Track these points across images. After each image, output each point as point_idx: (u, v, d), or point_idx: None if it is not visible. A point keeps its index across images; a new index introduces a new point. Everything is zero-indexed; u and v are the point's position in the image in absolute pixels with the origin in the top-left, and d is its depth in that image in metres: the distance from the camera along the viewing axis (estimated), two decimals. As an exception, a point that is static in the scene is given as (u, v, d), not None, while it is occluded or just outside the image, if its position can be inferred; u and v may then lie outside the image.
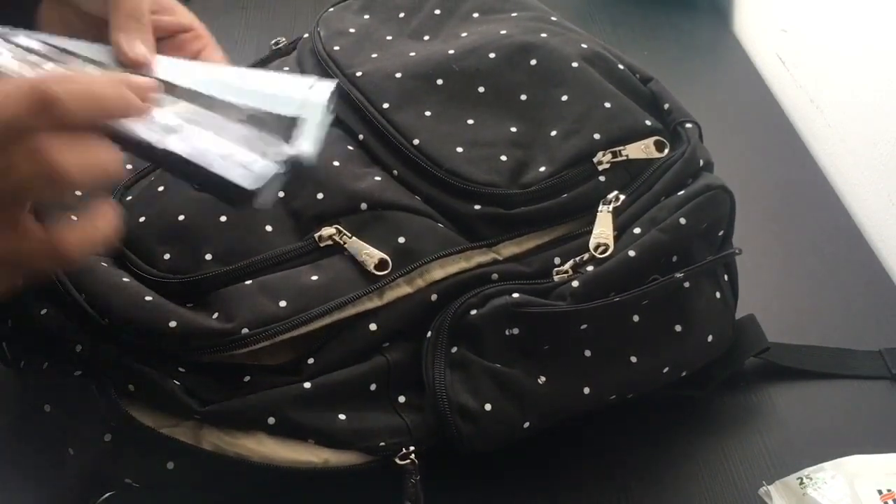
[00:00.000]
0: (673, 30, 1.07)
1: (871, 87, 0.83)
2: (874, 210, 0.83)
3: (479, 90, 0.65)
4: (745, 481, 0.61)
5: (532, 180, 0.60)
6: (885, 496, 0.55)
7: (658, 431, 0.64)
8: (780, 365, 0.67)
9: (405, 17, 0.72)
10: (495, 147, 0.62)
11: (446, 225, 0.59)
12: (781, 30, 1.00)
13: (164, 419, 0.54)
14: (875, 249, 0.80)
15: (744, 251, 0.63)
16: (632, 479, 0.61)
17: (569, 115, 0.63)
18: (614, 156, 0.61)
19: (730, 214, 0.63)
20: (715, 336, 0.62)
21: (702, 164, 0.62)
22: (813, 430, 0.64)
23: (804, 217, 0.83)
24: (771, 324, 0.67)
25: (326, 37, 0.70)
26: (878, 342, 0.70)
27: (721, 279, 0.63)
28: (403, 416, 0.55)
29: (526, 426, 0.56)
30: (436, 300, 0.57)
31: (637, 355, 0.59)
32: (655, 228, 0.58)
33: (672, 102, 0.65)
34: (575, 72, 0.64)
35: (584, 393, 0.58)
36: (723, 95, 0.99)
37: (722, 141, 0.69)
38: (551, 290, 0.57)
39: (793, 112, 0.97)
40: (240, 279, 0.56)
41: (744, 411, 0.66)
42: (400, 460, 0.54)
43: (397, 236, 0.58)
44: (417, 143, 0.62)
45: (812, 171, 0.89)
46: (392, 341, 0.56)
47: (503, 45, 0.66)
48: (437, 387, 0.55)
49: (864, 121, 0.84)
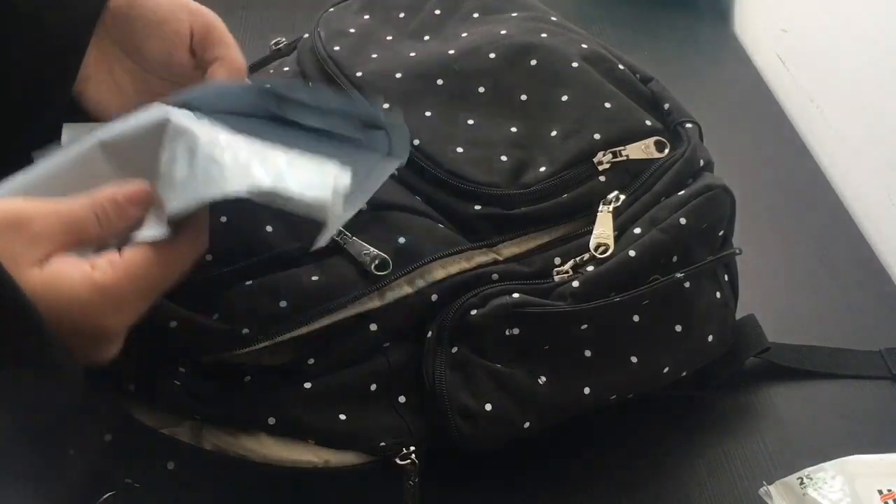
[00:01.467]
0: (673, 30, 1.07)
1: (871, 87, 0.83)
2: (874, 210, 0.83)
3: (480, 90, 0.65)
4: (746, 481, 0.61)
5: (532, 180, 0.60)
6: (885, 496, 0.55)
7: (658, 431, 0.64)
8: (780, 365, 0.67)
9: (405, 18, 0.72)
10: (495, 147, 0.62)
11: (447, 225, 0.59)
12: (781, 30, 1.00)
13: (165, 419, 0.54)
14: (875, 249, 0.80)
15: (744, 251, 0.63)
16: (632, 479, 0.61)
17: (569, 115, 0.63)
18: (614, 156, 0.61)
19: (730, 214, 0.63)
20: (715, 336, 0.62)
21: (702, 164, 0.62)
22: (813, 430, 0.64)
23: (804, 217, 0.83)
24: (771, 324, 0.67)
25: (326, 37, 0.70)
26: (878, 342, 0.70)
27: (721, 279, 0.63)
28: (404, 417, 0.55)
29: (526, 426, 0.56)
30: (436, 300, 0.56)
31: (637, 355, 0.59)
32: (656, 228, 0.58)
33: (672, 102, 0.65)
34: (575, 72, 0.64)
35: (584, 393, 0.58)
36: (723, 95, 0.99)
37: (722, 141, 0.69)
38: (551, 291, 0.57)
39: (793, 112, 0.97)
40: (240, 279, 0.56)
41: (744, 411, 0.66)
42: (400, 460, 0.54)
43: (398, 236, 0.58)
44: (418, 144, 0.62)
45: (812, 171, 0.89)
46: (392, 341, 0.56)
47: (503, 45, 0.66)
48: (438, 387, 0.55)
49: (864, 121, 0.84)
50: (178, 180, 0.49)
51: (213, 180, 0.48)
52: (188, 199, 0.48)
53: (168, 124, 0.50)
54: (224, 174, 0.48)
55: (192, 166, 0.49)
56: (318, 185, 0.49)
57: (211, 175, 0.48)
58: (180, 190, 0.48)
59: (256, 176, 0.48)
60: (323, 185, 0.49)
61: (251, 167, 0.49)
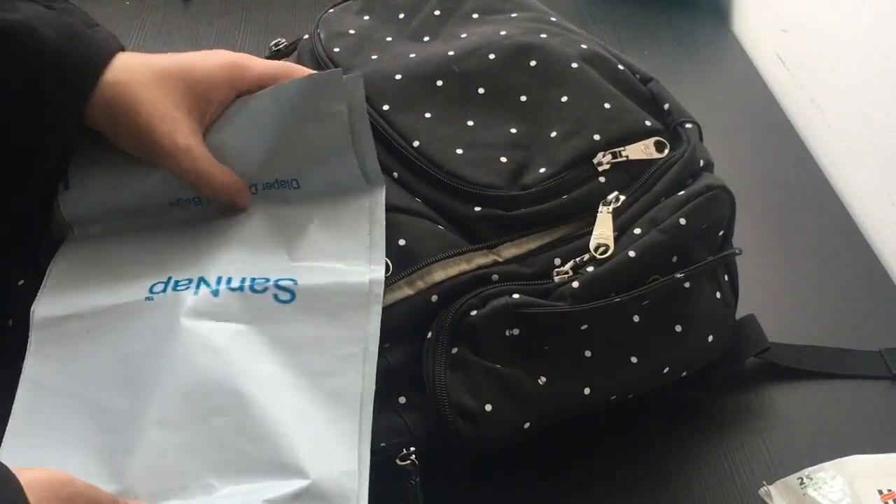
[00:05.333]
0: (673, 30, 1.07)
1: (871, 87, 0.83)
2: (874, 210, 0.83)
3: (479, 91, 0.65)
4: (746, 481, 0.61)
5: (532, 182, 0.60)
6: (886, 496, 0.55)
7: (658, 431, 0.64)
8: (780, 365, 0.67)
9: (405, 19, 0.72)
10: (495, 148, 0.62)
11: (447, 227, 0.59)
12: (781, 30, 1.00)
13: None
14: (875, 249, 0.80)
15: (744, 251, 0.63)
16: (632, 479, 0.61)
17: (569, 115, 0.63)
18: (614, 156, 0.61)
19: (730, 214, 0.63)
20: (715, 336, 0.62)
21: (702, 164, 0.62)
22: (813, 430, 0.64)
23: (804, 217, 0.83)
24: (771, 324, 0.67)
25: (326, 38, 0.70)
26: (878, 342, 0.70)
27: (721, 279, 0.63)
28: (404, 417, 0.55)
29: (526, 427, 0.56)
30: (436, 301, 0.57)
31: (637, 355, 0.59)
32: (655, 229, 0.58)
33: (672, 102, 0.65)
34: (575, 72, 0.64)
35: (584, 393, 0.58)
36: (723, 95, 0.99)
37: (722, 141, 0.69)
38: (551, 291, 0.57)
39: (793, 112, 0.97)
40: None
41: (744, 411, 0.66)
42: (400, 461, 0.54)
43: (398, 239, 0.58)
44: (417, 145, 0.62)
45: (812, 171, 0.89)
46: (393, 342, 0.56)
47: (503, 45, 0.66)
48: (438, 387, 0.55)
49: (864, 121, 0.84)
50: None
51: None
52: None
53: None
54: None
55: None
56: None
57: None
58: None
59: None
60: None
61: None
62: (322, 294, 0.55)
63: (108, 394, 0.52)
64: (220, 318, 0.53)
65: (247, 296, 0.54)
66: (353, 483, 0.49)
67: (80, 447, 0.51)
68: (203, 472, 0.49)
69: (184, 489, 0.49)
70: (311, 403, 0.52)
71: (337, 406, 0.52)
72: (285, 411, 0.51)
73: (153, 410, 0.51)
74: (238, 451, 0.50)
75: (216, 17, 1.07)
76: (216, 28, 1.05)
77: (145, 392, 0.52)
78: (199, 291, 0.54)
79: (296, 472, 0.49)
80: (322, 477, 0.49)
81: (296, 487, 0.48)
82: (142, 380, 0.52)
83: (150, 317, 0.54)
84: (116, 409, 0.52)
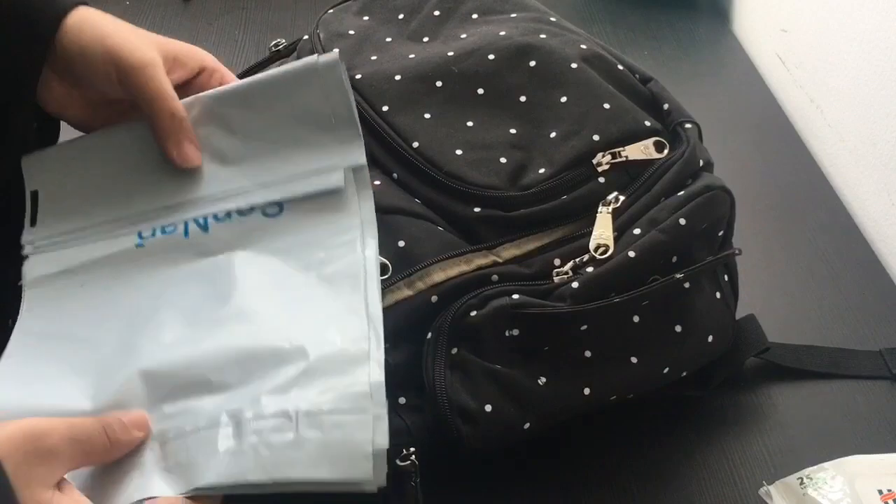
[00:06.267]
0: (673, 30, 1.07)
1: (871, 87, 0.83)
2: (874, 210, 0.83)
3: (479, 92, 0.65)
4: (746, 481, 0.61)
5: (532, 182, 0.60)
6: (886, 496, 0.55)
7: (658, 431, 0.64)
8: (780, 365, 0.67)
9: (404, 19, 0.72)
10: (495, 149, 0.62)
11: (446, 228, 0.59)
12: (781, 30, 1.00)
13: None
14: (875, 249, 0.80)
15: (744, 251, 0.63)
16: (632, 479, 0.61)
17: (568, 116, 0.63)
18: (614, 157, 0.61)
19: (730, 215, 0.63)
20: (715, 336, 0.62)
21: (702, 164, 0.62)
22: (813, 430, 0.64)
23: (804, 217, 0.83)
24: (771, 324, 0.67)
25: (326, 38, 0.70)
26: (878, 342, 0.70)
27: (721, 279, 0.63)
28: (404, 418, 0.55)
29: (526, 427, 0.56)
30: (436, 302, 0.57)
31: (637, 356, 0.59)
32: (655, 229, 0.58)
33: (671, 102, 0.65)
34: (574, 73, 0.64)
35: (584, 393, 0.58)
36: (723, 95, 0.99)
37: (722, 141, 0.69)
38: (551, 292, 0.57)
39: (793, 112, 0.97)
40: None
41: (744, 411, 0.66)
42: (400, 462, 0.54)
43: (397, 240, 0.58)
44: (417, 146, 0.62)
45: (812, 171, 0.89)
46: (393, 343, 0.56)
47: (502, 46, 0.66)
48: (438, 388, 0.55)
49: (864, 121, 0.84)
50: (220, 451, 0.48)
51: (277, 466, 0.47)
52: (231, 475, 0.48)
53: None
54: (284, 459, 0.48)
55: (240, 441, 0.48)
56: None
57: (265, 458, 0.48)
58: (223, 462, 0.48)
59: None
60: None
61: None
62: (308, 196, 0.56)
63: (103, 333, 0.53)
64: (216, 251, 0.55)
65: (236, 222, 0.56)
66: (363, 345, 0.50)
67: (70, 371, 0.52)
68: (201, 374, 0.50)
69: (182, 389, 0.50)
70: (313, 289, 0.53)
71: (339, 285, 0.53)
72: (286, 306, 0.52)
73: (150, 335, 0.52)
74: (236, 352, 0.51)
75: (216, 16, 1.07)
76: (216, 28, 1.05)
77: (145, 328, 0.53)
78: (189, 229, 0.55)
79: (296, 356, 0.50)
80: (326, 351, 0.50)
81: (299, 369, 0.50)
82: (140, 317, 0.53)
83: (147, 264, 0.55)
84: (111, 341, 0.53)
